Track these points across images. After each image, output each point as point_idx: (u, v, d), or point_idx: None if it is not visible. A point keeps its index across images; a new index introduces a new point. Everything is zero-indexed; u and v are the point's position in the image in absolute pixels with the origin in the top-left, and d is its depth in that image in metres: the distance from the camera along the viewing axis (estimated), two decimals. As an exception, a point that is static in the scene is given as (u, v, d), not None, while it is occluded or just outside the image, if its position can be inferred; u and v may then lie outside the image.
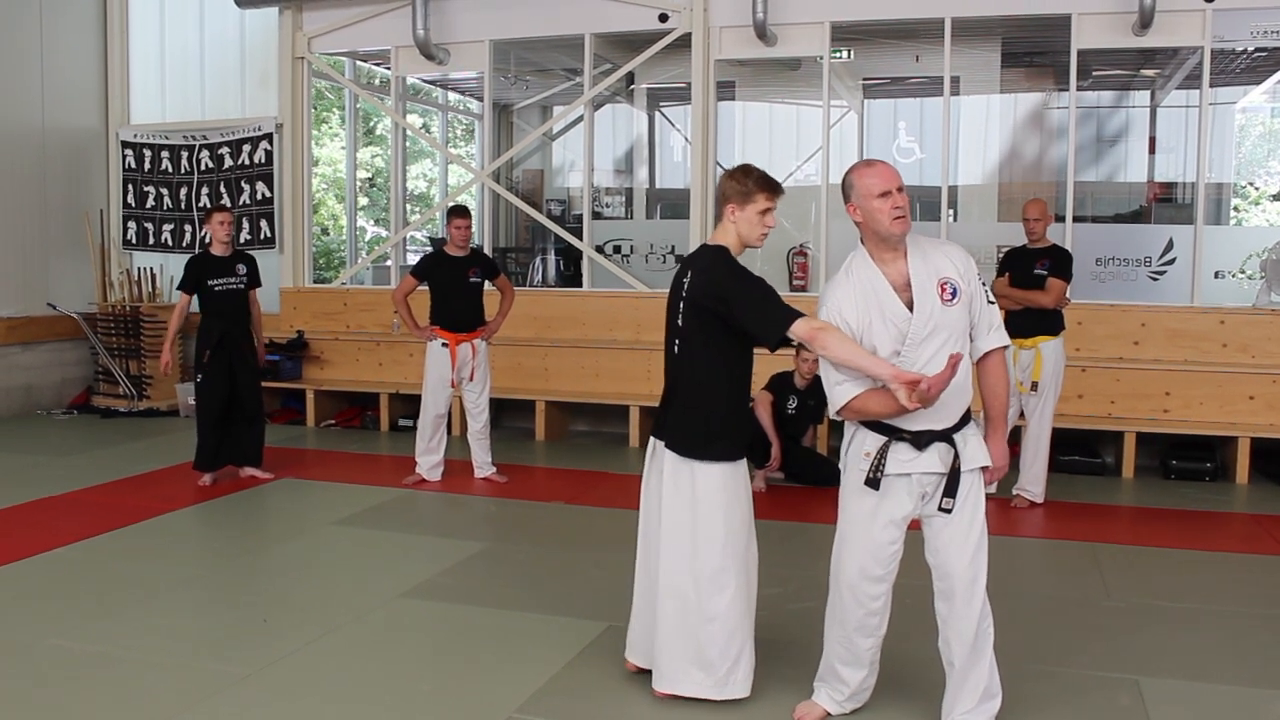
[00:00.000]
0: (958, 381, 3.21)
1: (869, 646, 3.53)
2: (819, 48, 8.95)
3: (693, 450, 3.66)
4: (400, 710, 3.73)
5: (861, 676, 3.58)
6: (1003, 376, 3.41)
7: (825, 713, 3.66)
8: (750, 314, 3.49)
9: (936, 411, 3.25)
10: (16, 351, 10.00)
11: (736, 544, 3.70)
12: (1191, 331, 8.13)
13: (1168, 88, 11.21)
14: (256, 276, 7.30)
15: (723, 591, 3.67)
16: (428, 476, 7.27)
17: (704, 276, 3.62)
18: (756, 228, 3.64)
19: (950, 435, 3.31)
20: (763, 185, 3.61)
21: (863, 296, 3.34)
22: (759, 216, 3.62)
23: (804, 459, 7.35)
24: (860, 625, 3.49)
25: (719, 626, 3.67)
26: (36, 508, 6.52)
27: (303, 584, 5.21)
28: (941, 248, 3.38)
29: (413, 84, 12.25)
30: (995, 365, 3.40)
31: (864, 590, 3.45)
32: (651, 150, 13.03)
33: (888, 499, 3.36)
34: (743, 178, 3.63)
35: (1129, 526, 6.58)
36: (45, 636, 4.36)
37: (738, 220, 3.64)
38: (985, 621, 3.39)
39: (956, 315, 3.28)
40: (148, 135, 10.95)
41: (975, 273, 3.36)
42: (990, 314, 3.36)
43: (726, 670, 3.68)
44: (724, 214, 3.66)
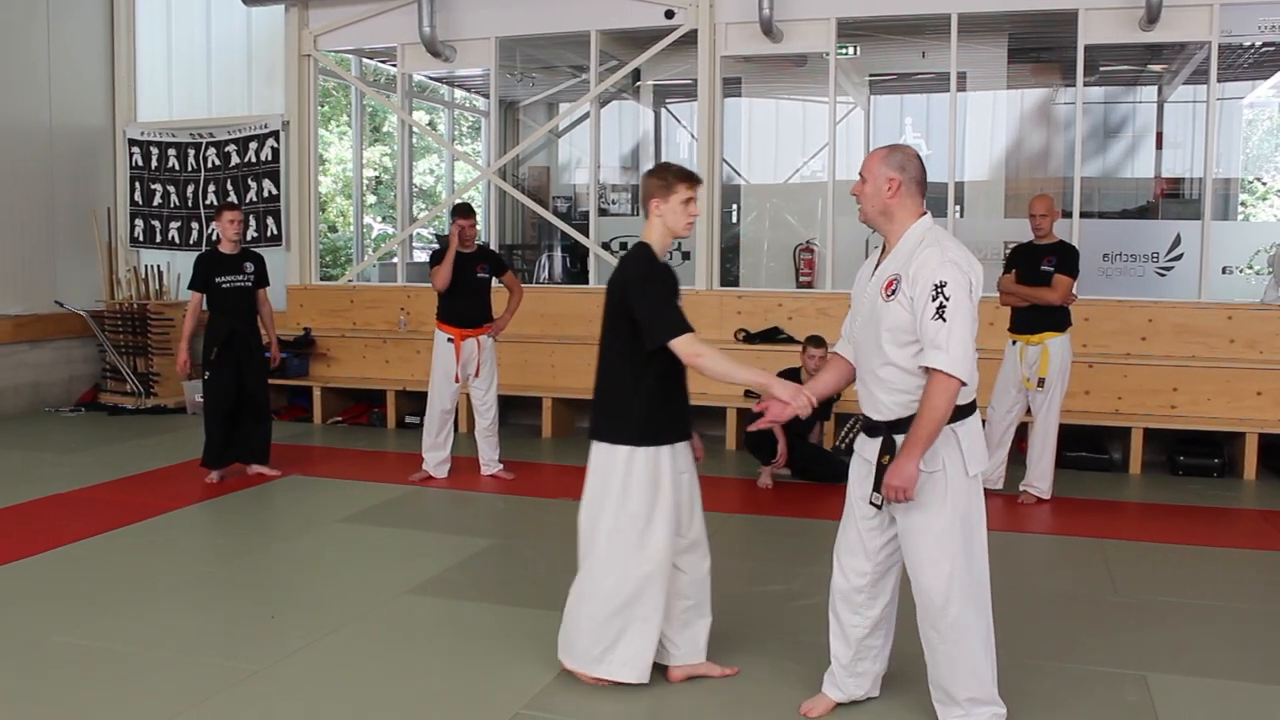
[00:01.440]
0: (884, 377, 3.30)
1: (854, 624, 3.56)
2: (825, 44, 8.94)
3: (602, 433, 3.82)
4: (407, 706, 3.74)
5: (848, 655, 3.60)
6: (932, 401, 3.16)
7: (833, 703, 3.67)
8: (645, 311, 3.67)
9: (865, 400, 3.40)
10: (24, 349, 10.02)
11: (631, 531, 3.76)
12: (1199, 327, 8.11)
13: (1175, 83, 11.18)
14: (264, 275, 7.31)
15: (607, 575, 3.79)
16: (434, 473, 7.28)
17: (620, 270, 3.83)
18: (682, 217, 3.79)
19: (890, 431, 3.31)
20: (682, 177, 3.79)
21: (860, 272, 3.53)
22: (683, 206, 3.78)
23: (810, 455, 7.33)
24: (844, 598, 3.57)
25: (597, 607, 3.79)
26: (44, 505, 6.54)
27: (309, 581, 5.22)
28: (925, 250, 3.23)
29: (419, 81, 12.25)
30: (929, 386, 3.18)
31: (845, 562, 3.55)
32: (657, 147, 13.03)
33: (855, 476, 3.51)
34: (662, 173, 3.82)
35: (1136, 522, 6.57)
36: (52, 633, 4.37)
37: (664, 213, 3.78)
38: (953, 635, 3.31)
39: (893, 313, 3.25)
40: (155, 133, 10.97)
41: (934, 283, 3.15)
42: (932, 330, 3.15)
43: (602, 650, 3.80)
44: (649, 209, 3.81)
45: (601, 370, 3.84)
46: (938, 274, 3.16)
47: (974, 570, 3.32)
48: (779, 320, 8.93)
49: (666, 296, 3.69)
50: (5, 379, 9.84)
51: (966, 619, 3.30)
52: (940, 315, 3.15)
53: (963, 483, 3.28)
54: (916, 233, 3.32)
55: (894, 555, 3.48)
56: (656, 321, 3.64)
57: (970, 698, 3.37)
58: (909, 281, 3.21)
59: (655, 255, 3.78)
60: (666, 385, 3.79)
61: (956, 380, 3.15)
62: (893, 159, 3.34)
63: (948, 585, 3.28)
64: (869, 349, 3.37)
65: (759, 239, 10.08)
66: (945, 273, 3.16)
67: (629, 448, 3.74)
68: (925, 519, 3.28)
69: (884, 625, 3.60)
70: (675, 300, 3.71)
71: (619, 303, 3.73)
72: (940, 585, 3.29)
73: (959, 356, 3.14)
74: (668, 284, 3.74)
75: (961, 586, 3.29)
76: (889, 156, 3.35)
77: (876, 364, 3.33)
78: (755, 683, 3.90)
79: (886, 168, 3.33)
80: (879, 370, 3.33)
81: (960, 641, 3.32)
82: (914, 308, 3.20)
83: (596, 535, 3.83)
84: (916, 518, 3.29)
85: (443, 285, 7.08)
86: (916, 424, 3.20)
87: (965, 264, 3.22)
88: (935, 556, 3.29)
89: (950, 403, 3.17)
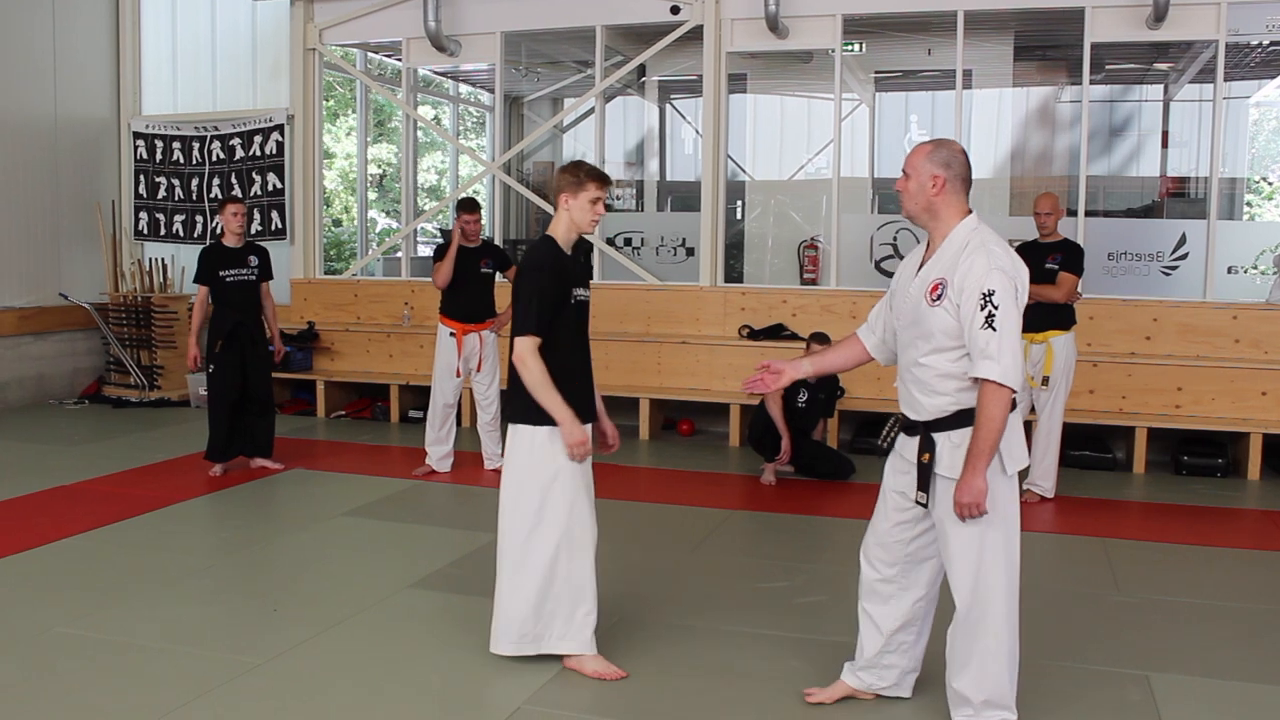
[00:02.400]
0: (923, 379, 3.28)
1: (884, 615, 3.54)
2: (831, 40, 8.93)
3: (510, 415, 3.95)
4: (410, 701, 3.74)
5: (875, 647, 3.58)
6: (989, 413, 3.12)
7: (845, 691, 3.67)
8: (515, 303, 3.88)
9: (905, 400, 3.40)
10: (29, 341, 10.03)
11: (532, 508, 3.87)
12: (1204, 327, 8.10)
13: (1181, 81, 11.16)
14: (269, 269, 7.31)
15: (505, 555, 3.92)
16: (437, 467, 7.28)
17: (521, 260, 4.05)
18: (588, 214, 3.93)
19: (930, 431, 3.29)
20: (593, 176, 3.92)
21: (902, 269, 3.48)
22: (590, 205, 3.92)
23: (814, 452, 7.33)
24: (871, 590, 3.58)
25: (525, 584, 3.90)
26: (48, 497, 6.55)
27: (313, 574, 5.23)
28: (971, 256, 3.18)
29: (424, 76, 12.25)
30: (982, 398, 3.14)
31: (872, 554, 3.56)
32: (662, 143, 13.02)
33: (892, 470, 3.52)
34: (575, 170, 3.94)
35: (1140, 522, 6.57)
36: (55, 625, 4.38)
37: (571, 208, 3.91)
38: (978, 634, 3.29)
39: (938, 318, 3.22)
40: (159, 126, 10.97)
41: (982, 291, 3.11)
42: (982, 340, 3.11)
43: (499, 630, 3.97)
44: (558, 203, 3.93)
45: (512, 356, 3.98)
46: (985, 282, 3.12)
47: (1007, 572, 3.28)
48: (783, 317, 8.92)
49: (537, 293, 3.81)
50: (9, 371, 9.85)
51: (991, 620, 3.27)
52: (990, 324, 3.11)
53: (1000, 481, 3.23)
54: (961, 234, 3.27)
55: (925, 549, 3.45)
56: (516, 315, 3.84)
57: (985, 700, 3.33)
58: (955, 288, 3.17)
59: (557, 248, 3.91)
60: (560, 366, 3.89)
61: (1009, 389, 3.12)
62: (938, 155, 3.28)
63: (974, 584, 3.26)
64: (910, 351, 3.34)
65: (763, 235, 10.07)
66: (993, 280, 3.12)
67: (530, 427, 3.86)
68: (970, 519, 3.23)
69: (917, 622, 3.56)
70: (545, 298, 3.80)
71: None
72: (968, 583, 3.27)
73: (1010, 366, 3.11)
74: (546, 280, 3.83)
75: (990, 587, 3.25)
76: (934, 153, 3.29)
77: (917, 366, 3.31)
78: (758, 680, 3.89)
79: (931, 164, 3.27)
80: (919, 373, 3.30)
81: (982, 641, 3.29)
82: (960, 315, 3.17)
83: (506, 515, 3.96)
84: (951, 514, 3.25)
85: (443, 282, 7.09)
86: (976, 437, 3.15)
87: (1011, 269, 3.18)
88: (968, 554, 3.26)
89: (1005, 411, 3.13)
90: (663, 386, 8.70)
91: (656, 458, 8.02)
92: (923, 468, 3.31)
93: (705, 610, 4.62)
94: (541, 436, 3.83)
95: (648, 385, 8.79)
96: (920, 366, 3.29)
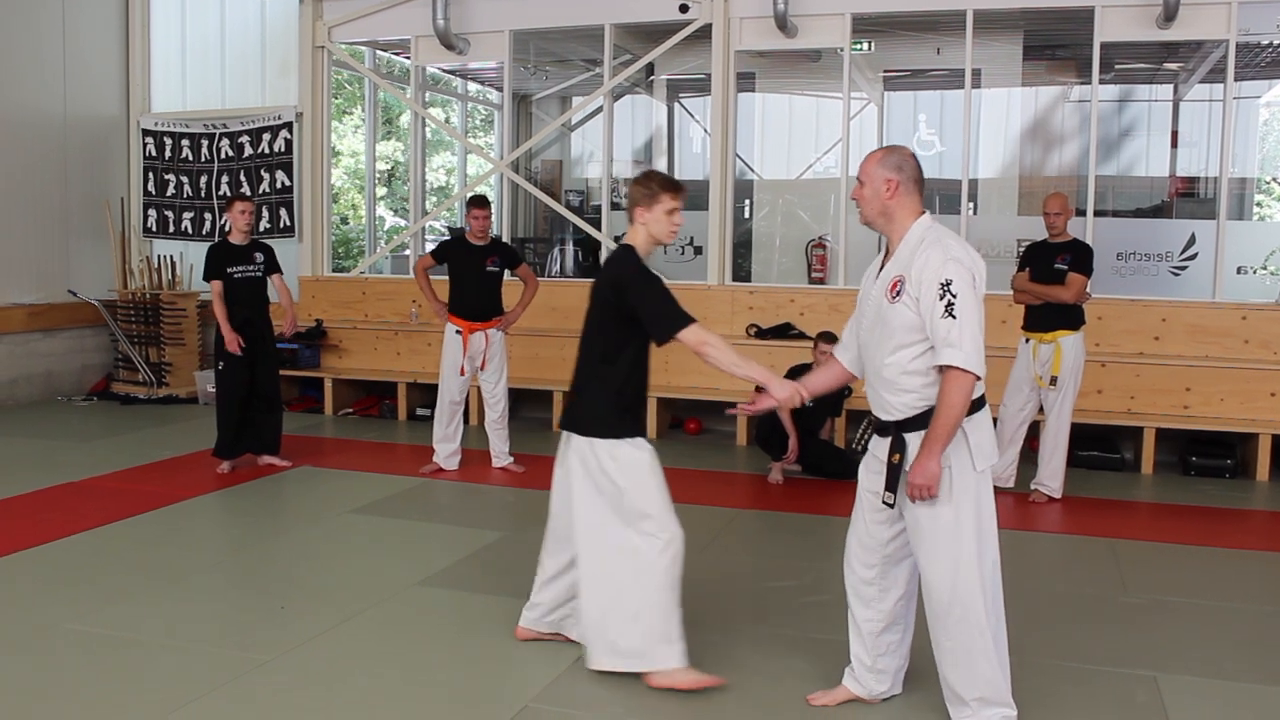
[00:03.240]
0: (890, 378, 3.33)
1: (867, 619, 3.59)
2: (839, 39, 8.91)
3: (597, 430, 3.82)
4: (417, 698, 3.75)
5: (867, 654, 3.61)
6: (949, 398, 3.17)
7: (848, 696, 3.69)
8: (645, 310, 3.75)
9: (874, 402, 3.43)
10: (38, 338, 10.06)
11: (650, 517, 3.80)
12: (1213, 327, 8.08)
13: (1191, 81, 11.13)
14: (275, 263, 7.32)
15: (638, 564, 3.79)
16: (445, 465, 7.28)
17: (608, 271, 3.93)
18: (665, 226, 3.85)
19: (901, 431, 3.32)
20: (666, 187, 3.86)
21: (865, 279, 3.55)
22: (666, 216, 3.84)
23: (821, 451, 7.33)
24: (854, 591, 3.62)
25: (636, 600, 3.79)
26: (57, 493, 6.57)
27: (320, 571, 5.24)
28: (926, 250, 3.24)
29: (432, 74, 12.26)
30: (945, 384, 3.18)
31: (853, 555, 3.60)
32: (671, 141, 13.02)
33: (866, 471, 3.53)
34: (647, 182, 3.89)
35: (1148, 522, 6.55)
36: (65, 621, 4.39)
37: (647, 221, 3.85)
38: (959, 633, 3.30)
39: (899, 314, 3.26)
40: (168, 124, 10.99)
41: (940, 281, 3.16)
42: (943, 328, 3.15)
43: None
44: (634, 216, 3.88)
45: (589, 370, 3.90)
46: (942, 272, 3.19)
47: (983, 568, 3.29)
48: (791, 316, 8.92)
49: (664, 290, 3.77)
50: (19, 368, 9.88)
51: (973, 617, 3.29)
52: (950, 313, 3.16)
53: (970, 478, 3.27)
54: (916, 233, 3.33)
55: (902, 549, 3.48)
56: (663, 316, 3.72)
57: (979, 697, 3.35)
58: (913, 282, 3.23)
59: (639, 256, 3.86)
60: (641, 379, 3.91)
61: (971, 375, 3.17)
62: (889, 160, 3.37)
63: (953, 581, 3.28)
64: (875, 351, 3.39)
65: (771, 234, 10.06)
66: (950, 270, 3.19)
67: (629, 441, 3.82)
68: (931, 514, 3.27)
69: (900, 620, 3.59)
70: (671, 294, 3.78)
71: (609, 302, 3.82)
72: (946, 581, 3.29)
73: (972, 351, 3.17)
74: (658, 279, 3.82)
75: (968, 583, 3.27)
76: (885, 158, 3.39)
77: (883, 366, 3.35)
78: (765, 679, 3.89)
79: (883, 169, 3.37)
80: (885, 372, 3.35)
81: (967, 639, 3.31)
82: (920, 308, 3.22)
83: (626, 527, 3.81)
84: (923, 513, 3.28)
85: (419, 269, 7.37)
86: (935, 421, 3.21)
87: (968, 260, 3.25)
88: (941, 552, 3.29)
89: (967, 398, 3.18)
90: (670, 385, 8.69)
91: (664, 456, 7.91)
92: (892, 468, 3.34)
93: (713, 609, 4.61)
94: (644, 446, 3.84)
95: (655, 384, 8.67)
96: (886, 366, 3.34)
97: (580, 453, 3.85)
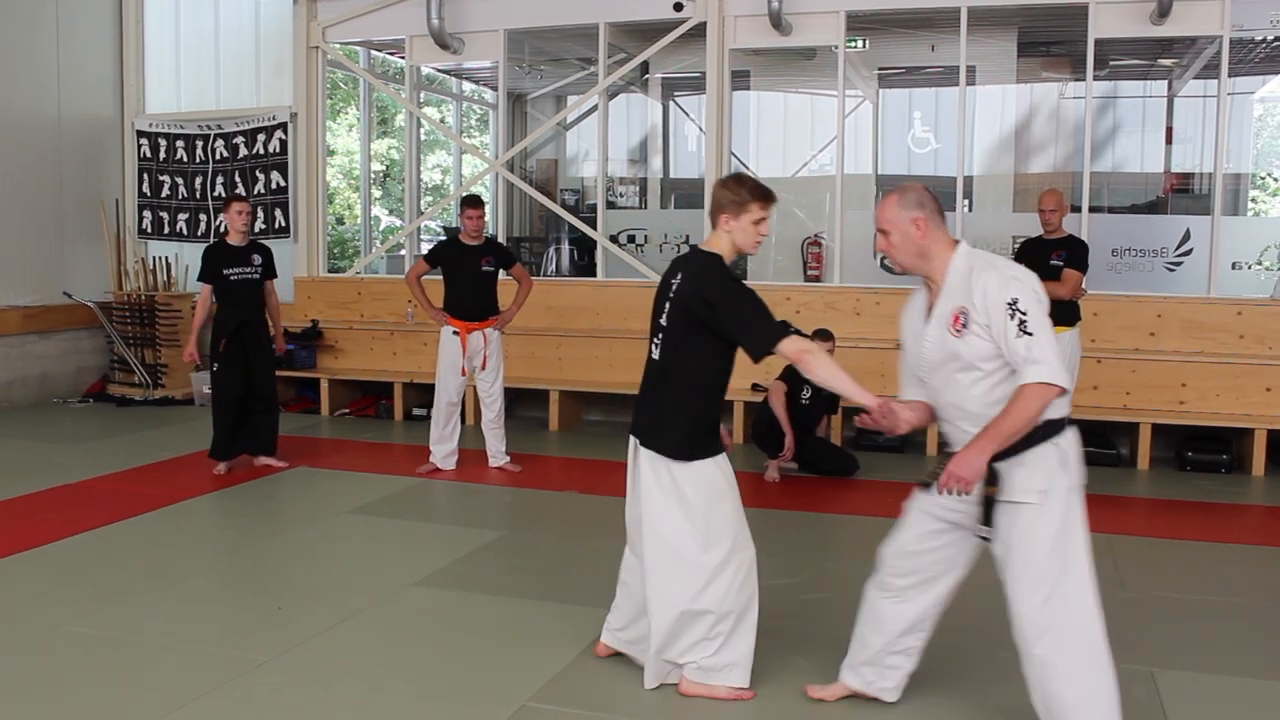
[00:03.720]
0: (973, 410, 3.20)
1: (893, 616, 3.51)
2: (834, 37, 8.91)
3: (675, 451, 3.67)
4: (414, 698, 3.75)
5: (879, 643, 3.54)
6: (1026, 404, 3.07)
7: (846, 690, 3.66)
8: (740, 324, 3.57)
9: (956, 438, 3.28)
10: (33, 340, 10.05)
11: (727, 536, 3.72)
12: (1208, 323, 8.09)
13: (1185, 77, 11.14)
14: (272, 267, 7.31)
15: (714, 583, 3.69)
16: (441, 465, 7.28)
17: (695, 282, 3.66)
18: (752, 236, 3.68)
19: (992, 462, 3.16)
20: (756, 194, 3.65)
21: (908, 317, 3.43)
22: (753, 225, 3.66)
23: (818, 449, 7.33)
24: (881, 586, 3.54)
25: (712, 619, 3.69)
26: (53, 495, 6.56)
27: (317, 572, 5.23)
28: (981, 276, 3.15)
29: (427, 74, 12.25)
30: (1019, 395, 3.08)
31: (892, 563, 3.51)
32: (665, 140, 13.01)
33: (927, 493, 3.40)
34: (736, 187, 3.67)
35: (1144, 518, 6.56)
36: (63, 622, 4.39)
37: (733, 230, 3.67)
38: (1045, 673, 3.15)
39: (971, 346, 3.17)
40: (163, 125, 10.98)
41: (1007, 302, 3.09)
42: (1022, 348, 3.06)
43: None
44: (718, 223, 3.69)
45: (669, 385, 3.72)
46: (1006, 293, 3.09)
47: (1069, 602, 3.16)
48: (787, 314, 8.89)
49: (757, 301, 3.60)
50: (14, 370, 9.86)
51: (1060, 659, 3.15)
52: (1024, 331, 3.07)
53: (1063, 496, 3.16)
54: (961, 263, 3.23)
55: (943, 565, 3.42)
56: (760, 330, 3.55)
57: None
58: (979, 310, 3.13)
59: (725, 265, 3.69)
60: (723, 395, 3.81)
61: (1056, 388, 3.08)
62: (907, 200, 3.27)
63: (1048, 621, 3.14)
64: (949, 388, 3.26)
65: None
66: (1013, 290, 3.10)
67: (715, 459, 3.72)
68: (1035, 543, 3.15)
69: (926, 626, 3.54)
70: (764, 304, 3.62)
71: (696, 316, 3.62)
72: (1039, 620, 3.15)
73: (1057, 366, 3.09)
74: (751, 291, 3.64)
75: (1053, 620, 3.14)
76: (902, 199, 3.27)
77: (965, 399, 3.23)
78: (761, 676, 3.88)
79: (905, 210, 3.26)
80: (968, 405, 3.22)
81: (1053, 681, 3.16)
82: (993, 334, 3.12)
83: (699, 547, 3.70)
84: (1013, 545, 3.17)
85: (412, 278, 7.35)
86: (1001, 421, 3.09)
87: (1025, 276, 3.17)
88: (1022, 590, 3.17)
89: (1040, 408, 3.08)
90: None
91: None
92: (988, 501, 3.21)
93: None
94: (723, 463, 3.74)
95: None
96: (969, 399, 3.21)
97: (653, 466, 3.70)
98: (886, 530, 3.57)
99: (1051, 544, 3.14)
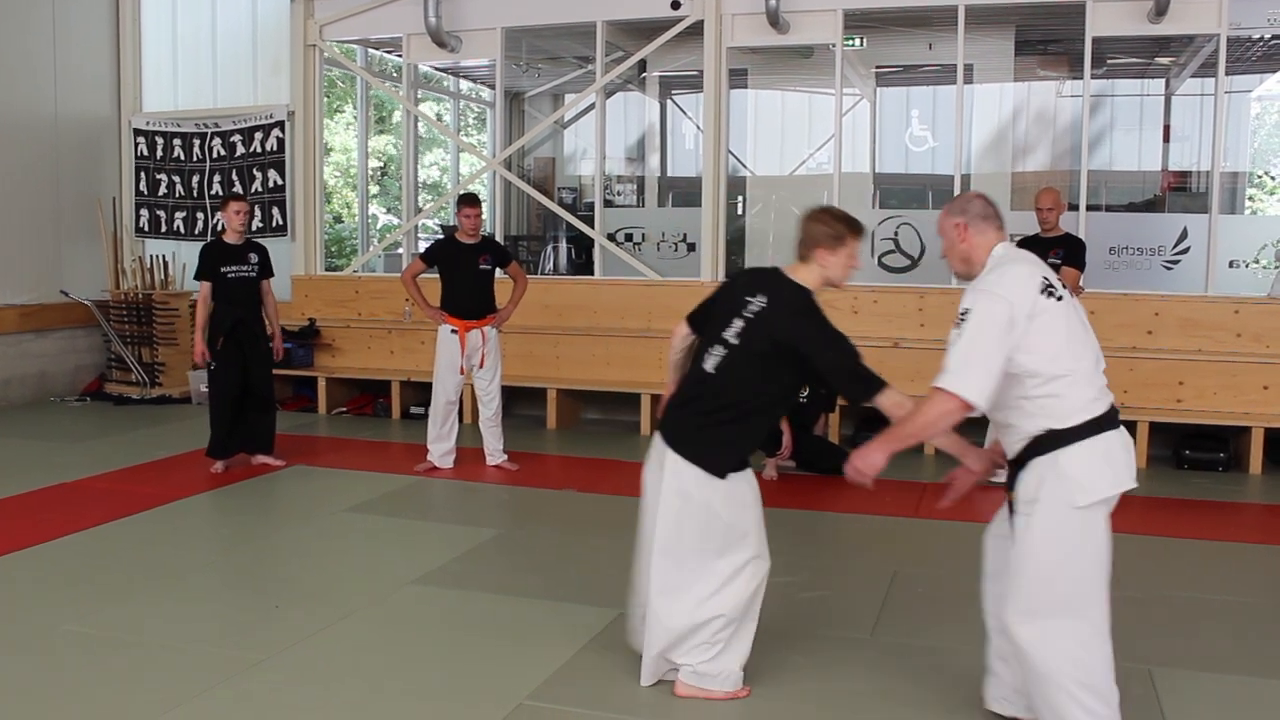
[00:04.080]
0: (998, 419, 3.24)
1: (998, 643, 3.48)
2: (832, 35, 8.92)
3: (714, 467, 3.66)
4: (411, 696, 3.74)
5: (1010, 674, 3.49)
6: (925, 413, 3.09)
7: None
8: (839, 371, 3.51)
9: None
10: (30, 339, 10.04)
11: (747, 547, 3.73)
12: (1205, 321, 8.09)
13: (1183, 76, 11.14)
14: (269, 266, 7.31)
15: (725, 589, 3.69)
16: (439, 464, 7.28)
17: (791, 317, 3.59)
18: (845, 271, 3.67)
19: (1016, 469, 3.21)
20: (853, 230, 3.64)
21: None
22: (848, 260, 3.65)
23: (815, 447, 7.33)
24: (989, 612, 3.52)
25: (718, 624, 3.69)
26: (50, 493, 6.55)
27: (314, 570, 5.23)
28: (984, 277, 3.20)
29: (425, 72, 12.24)
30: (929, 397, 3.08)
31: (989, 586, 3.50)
32: (663, 138, 13.01)
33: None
34: (832, 221, 3.64)
35: (1141, 516, 6.54)
36: (60, 622, 4.38)
37: (828, 265, 3.63)
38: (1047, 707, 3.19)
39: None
40: (160, 123, 10.97)
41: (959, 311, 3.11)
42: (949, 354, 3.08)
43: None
44: (812, 257, 3.63)
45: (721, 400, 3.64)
46: (963, 302, 3.12)
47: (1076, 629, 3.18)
48: (784, 312, 8.90)
49: (850, 346, 3.51)
50: (11, 368, 9.85)
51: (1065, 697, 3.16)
52: (958, 339, 3.08)
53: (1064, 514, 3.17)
54: (990, 263, 3.26)
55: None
56: (858, 379, 3.47)
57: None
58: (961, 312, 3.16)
59: (816, 301, 3.64)
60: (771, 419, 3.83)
61: (956, 399, 3.01)
62: (954, 207, 3.34)
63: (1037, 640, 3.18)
64: None
65: (764, 231, 10.05)
66: (969, 299, 3.11)
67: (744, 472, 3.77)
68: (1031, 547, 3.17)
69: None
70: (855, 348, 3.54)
71: (782, 345, 3.54)
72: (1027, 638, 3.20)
73: (964, 376, 3.03)
74: (840, 333, 3.56)
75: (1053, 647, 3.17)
76: (950, 207, 3.35)
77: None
78: (759, 675, 3.89)
79: (949, 217, 3.32)
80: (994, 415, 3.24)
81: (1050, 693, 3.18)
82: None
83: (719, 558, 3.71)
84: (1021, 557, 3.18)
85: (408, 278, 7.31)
86: (900, 422, 3.19)
87: (1007, 293, 3.07)
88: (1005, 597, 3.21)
89: (941, 419, 3.06)
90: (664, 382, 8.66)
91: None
92: (1010, 505, 3.27)
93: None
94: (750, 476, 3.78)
95: (649, 381, 8.78)
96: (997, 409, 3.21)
97: (677, 471, 3.66)
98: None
99: (1037, 558, 3.15)
